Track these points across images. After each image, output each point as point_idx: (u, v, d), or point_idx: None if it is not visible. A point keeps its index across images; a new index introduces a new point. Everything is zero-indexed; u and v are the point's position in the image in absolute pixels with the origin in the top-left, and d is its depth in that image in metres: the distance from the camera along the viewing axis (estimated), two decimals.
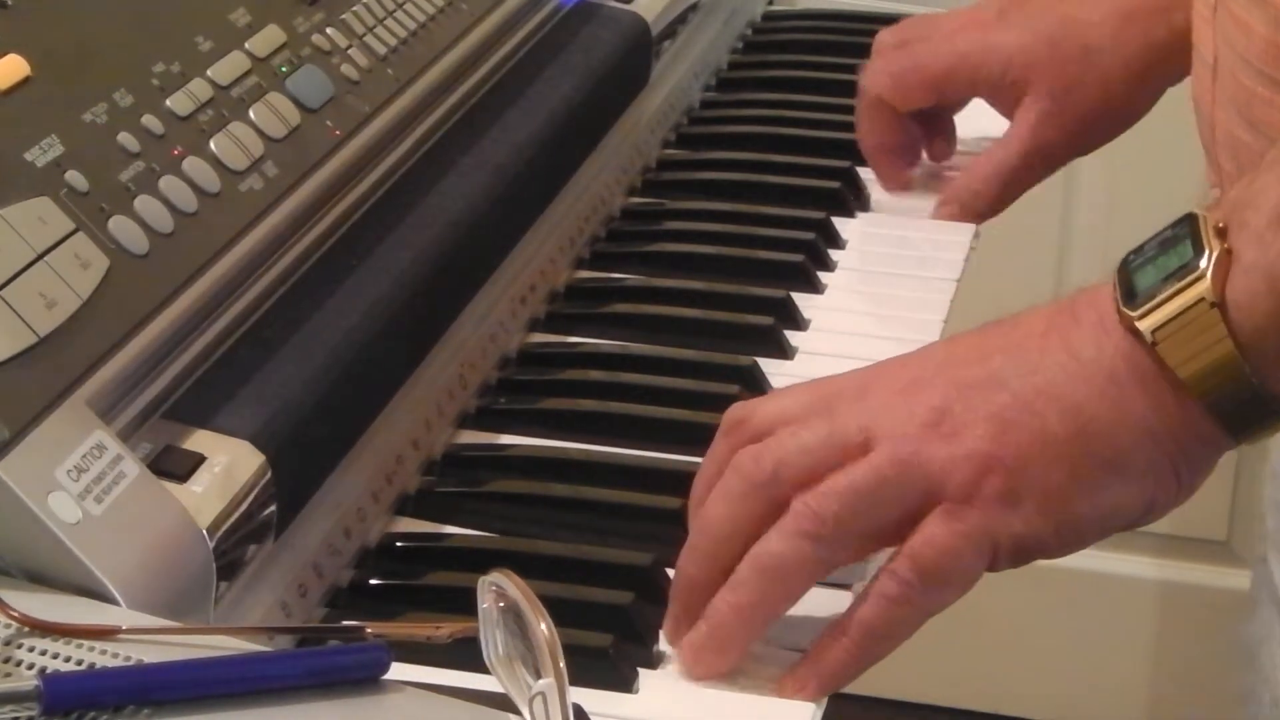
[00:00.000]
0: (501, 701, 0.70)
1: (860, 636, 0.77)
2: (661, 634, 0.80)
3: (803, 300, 1.07)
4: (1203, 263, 0.74)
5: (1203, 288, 0.74)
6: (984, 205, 1.15)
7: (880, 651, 0.77)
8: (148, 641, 0.69)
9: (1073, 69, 1.11)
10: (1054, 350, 0.77)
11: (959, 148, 1.21)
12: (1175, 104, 1.13)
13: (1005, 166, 1.14)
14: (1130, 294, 0.76)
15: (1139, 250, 0.78)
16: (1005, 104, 1.15)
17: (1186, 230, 0.76)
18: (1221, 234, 0.75)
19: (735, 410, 0.82)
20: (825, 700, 0.77)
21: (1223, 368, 0.74)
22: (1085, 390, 0.76)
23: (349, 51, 0.99)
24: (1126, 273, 0.77)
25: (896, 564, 0.76)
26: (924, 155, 1.20)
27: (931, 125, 1.19)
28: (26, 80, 0.82)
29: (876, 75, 1.17)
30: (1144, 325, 0.75)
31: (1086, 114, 1.12)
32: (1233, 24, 0.89)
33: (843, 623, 0.77)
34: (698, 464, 0.82)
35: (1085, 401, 0.76)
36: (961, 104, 1.20)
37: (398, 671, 0.70)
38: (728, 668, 0.78)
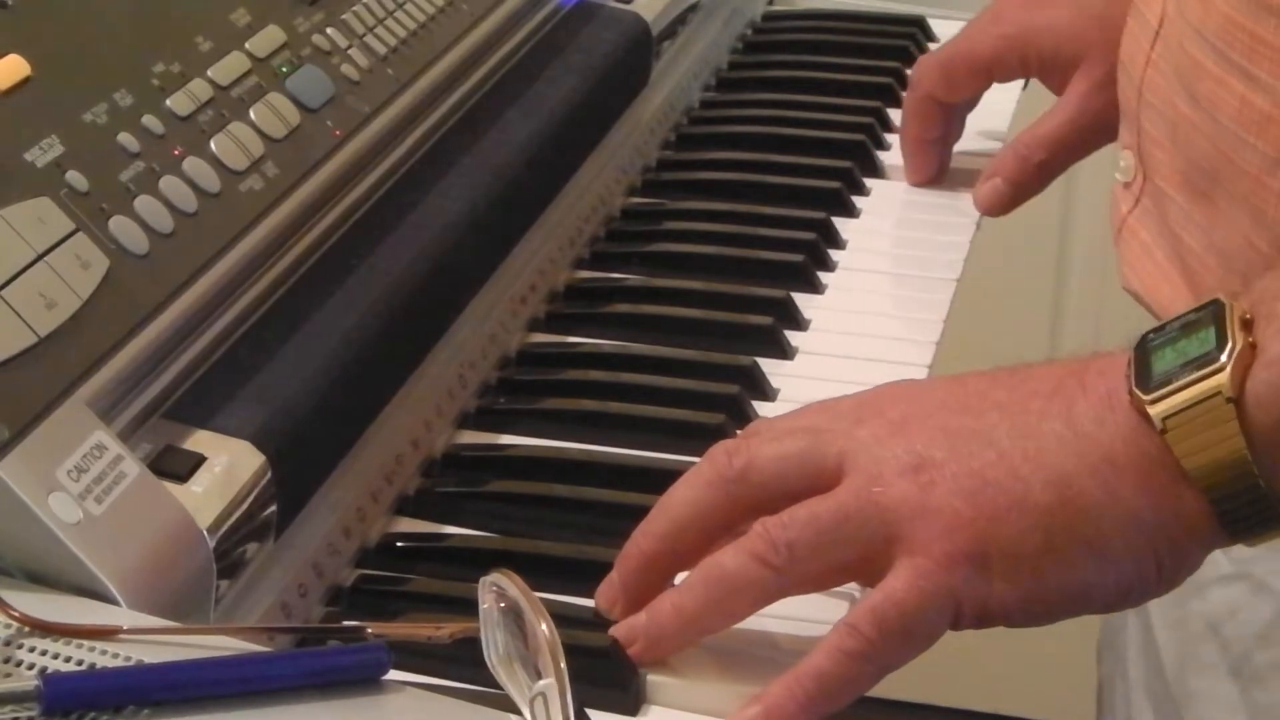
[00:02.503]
0: (502, 702, 0.70)
1: (816, 690, 0.73)
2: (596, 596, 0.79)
3: (803, 300, 1.07)
4: (1224, 356, 0.71)
5: (1221, 380, 0.70)
6: (1031, 174, 1.13)
7: (836, 704, 0.74)
8: (148, 642, 0.70)
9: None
10: (1054, 417, 0.74)
11: (977, 144, 1.21)
12: None
13: (1055, 134, 1.13)
14: (1145, 375, 0.72)
15: (1160, 329, 0.74)
16: (1057, 82, 1.14)
17: (1211, 316, 0.73)
18: (1247, 325, 0.72)
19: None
20: None
21: (1231, 464, 0.71)
22: (1076, 464, 0.73)
23: (349, 51, 0.99)
24: (1144, 352, 0.73)
25: (858, 618, 0.73)
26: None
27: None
28: (27, 80, 0.82)
29: (925, 68, 1.17)
30: (1155, 411, 0.71)
31: None
32: None
33: (798, 674, 0.73)
34: (697, 463, 0.82)
35: (1075, 475, 0.72)
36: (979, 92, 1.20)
37: (398, 672, 0.70)
38: (654, 662, 0.77)
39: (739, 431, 0.83)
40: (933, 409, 0.76)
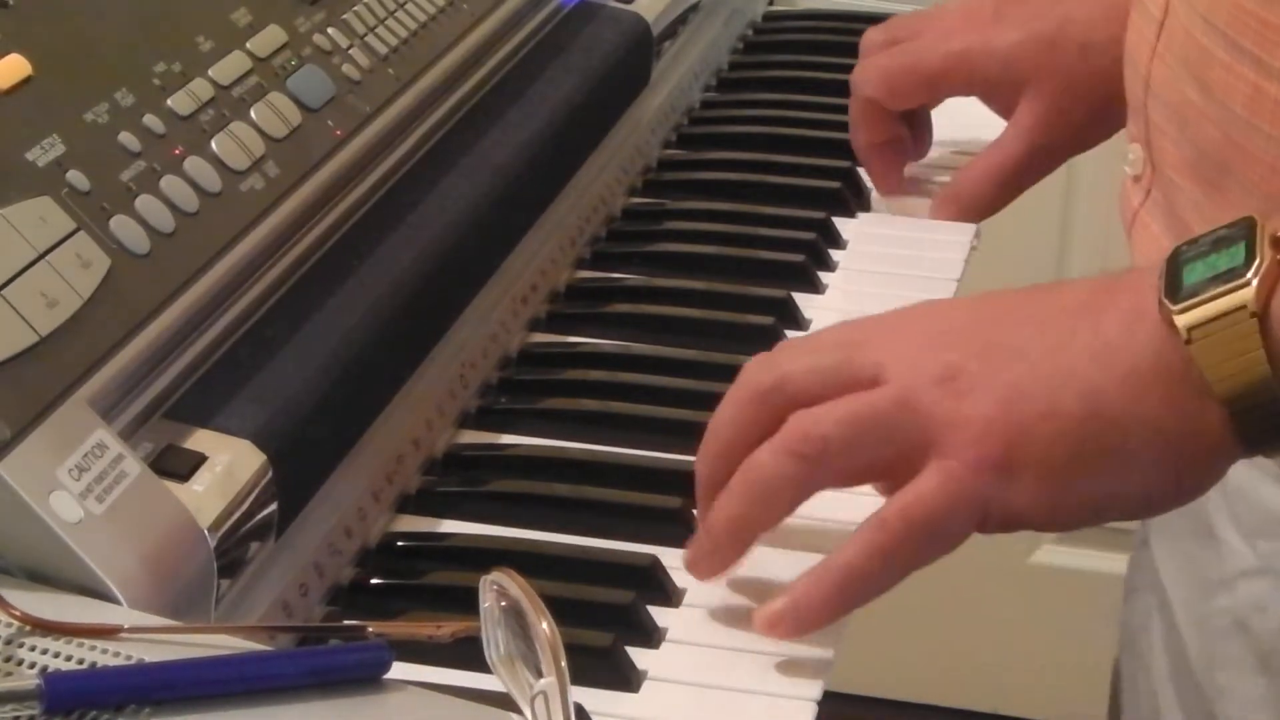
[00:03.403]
0: (503, 701, 0.70)
1: (842, 581, 0.76)
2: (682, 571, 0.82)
3: (803, 300, 1.07)
4: (1250, 272, 0.73)
5: (1246, 295, 0.73)
6: (983, 204, 1.15)
7: (859, 599, 0.77)
8: (149, 641, 0.70)
9: (1072, 68, 1.11)
10: (1083, 330, 0.76)
11: (953, 148, 1.21)
12: None
13: (1004, 166, 1.14)
14: (1175, 287, 0.75)
15: (1193, 243, 0.76)
16: (1003, 104, 1.14)
17: (1243, 232, 0.75)
18: (1276, 244, 0.74)
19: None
20: (819, 696, 0.77)
21: (1252, 379, 0.73)
22: (1104, 376, 0.75)
23: (350, 51, 0.99)
24: (1176, 264, 0.76)
25: (887, 513, 0.76)
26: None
27: (909, 121, 1.18)
28: (28, 80, 0.82)
29: (868, 74, 1.16)
30: (1181, 321, 0.74)
31: (1086, 112, 1.12)
32: None
33: (825, 566, 0.77)
34: (734, 383, 0.83)
35: (1103, 387, 0.75)
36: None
37: (399, 671, 0.70)
38: (720, 574, 0.80)
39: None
40: (966, 324, 0.79)
